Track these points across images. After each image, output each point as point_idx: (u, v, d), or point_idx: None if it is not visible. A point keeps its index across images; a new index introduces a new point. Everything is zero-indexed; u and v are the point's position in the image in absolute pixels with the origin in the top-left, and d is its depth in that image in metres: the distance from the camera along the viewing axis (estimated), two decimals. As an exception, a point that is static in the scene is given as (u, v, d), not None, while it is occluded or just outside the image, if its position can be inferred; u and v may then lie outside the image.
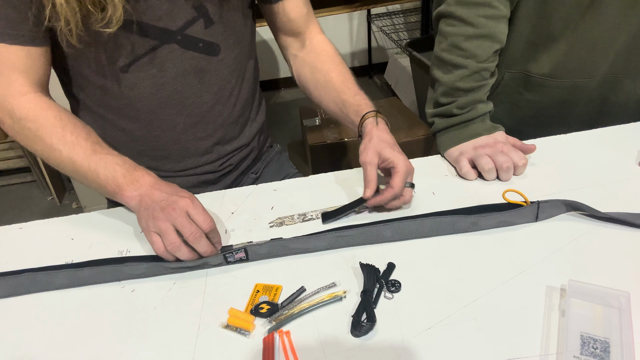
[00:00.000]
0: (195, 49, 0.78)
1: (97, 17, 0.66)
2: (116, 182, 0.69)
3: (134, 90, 0.78)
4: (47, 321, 0.61)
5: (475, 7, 0.80)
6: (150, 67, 0.76)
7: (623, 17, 0.80)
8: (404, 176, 0.70)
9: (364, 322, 0.56)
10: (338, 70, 0.86)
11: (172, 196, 0.66)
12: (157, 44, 0.75)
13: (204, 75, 0.81)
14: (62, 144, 0.70)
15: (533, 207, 0.69)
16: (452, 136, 0.84)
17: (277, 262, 0.67)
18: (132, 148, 0.84)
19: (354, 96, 0.81)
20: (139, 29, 0.72)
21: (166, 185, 0.69)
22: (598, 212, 0.68)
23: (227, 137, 0.90)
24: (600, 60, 0.86)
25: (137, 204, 0.69)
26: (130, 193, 0.69)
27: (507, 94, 0.96)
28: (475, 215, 0.68)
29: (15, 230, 0.77)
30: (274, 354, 0.55)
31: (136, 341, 0.58)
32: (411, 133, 2.08)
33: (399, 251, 0.67)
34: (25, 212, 2.36)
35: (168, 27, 0.74)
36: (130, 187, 0.69)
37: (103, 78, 0.76)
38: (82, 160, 0.70)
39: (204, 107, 0.84)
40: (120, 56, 0.74)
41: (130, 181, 0.69)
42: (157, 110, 0.81)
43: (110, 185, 0.70)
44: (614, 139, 0.86)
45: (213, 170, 0.91)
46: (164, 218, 0.64)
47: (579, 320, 0.54)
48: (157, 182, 0.70)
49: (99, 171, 0.70)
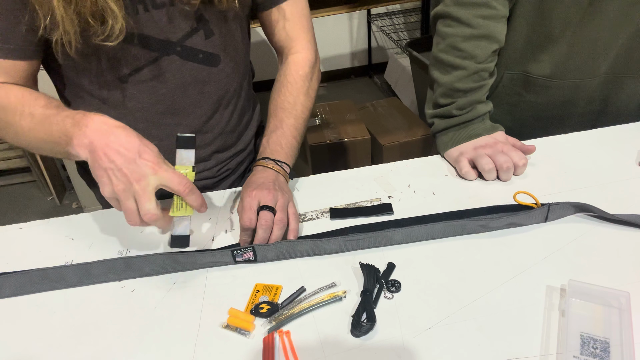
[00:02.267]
0: (195, 59, 0.77)
1: (97, 30, 0.65)
2: (66, 133, 0.61)
3: (132, 100, 0.77)
4: (47, 321, 0.61)
5: (472, 7, 0.80)
6: (150, 79, 0.76)
7: (623, 16, 0.80)
8: (245, 215, 0.67)
9: (364, 322, 0.56)
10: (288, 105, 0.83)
11: (133, 162, 0.58)
12: (157, 55, 0.74)
13: (203, 85, 0.80)
14: (23, 118, 0.66)
15: (543, 209, 0.69)
16: (452, 136, 0.84)
17: (277, 262, 0.67)
18: None
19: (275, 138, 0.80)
20: (139, 41, 0.72)
21: (123, 136, 0.60)
22: (607, 213, 0.67)
23: (226, 144, 0.90)
24: (601, 59, 0.86)
25: (89, 154, 0.60)
26: (78, 141, 0.60)
27: (507, 95, 0.96)
28: (486, 218, 0.68)
29: (15, 230, 0.77)
30: (274, 354, 0.55)
31: (136, 341, 0.58)
32: (411, 133, 2.09)
33: (398, 251, 0.67)
34: (25, 212, 2.36)
35: (168, 38, 0.74)
36: (78, 134, 0.60)
37: (101, 89, 0.76)
38: (40, 127, 0.64)
39: (203, 117, 0.83)
40: (120, 67, 0.73)
41: (78, 127, 0.60)
42: (156, 120, 0.80)
43: (63, 139, 0.62)
44: (614, 139, 0.86)
45: (211, 176, 0.91)
46: (124, 189, 0.58)
47: (579, 320, 0.54)
48: (110, 130, 0.60)
49: (53, 130, 0.63)
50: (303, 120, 0.84)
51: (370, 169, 0.84)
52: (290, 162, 0.79)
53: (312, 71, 0.87)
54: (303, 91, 0.85)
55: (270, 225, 0.67)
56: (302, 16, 0.86)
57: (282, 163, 0.77)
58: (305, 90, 0.85)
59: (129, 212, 0.60)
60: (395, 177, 0.81)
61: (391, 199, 0.76)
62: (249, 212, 0.67)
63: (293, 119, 0.82)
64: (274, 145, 0.79)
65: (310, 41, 0.88)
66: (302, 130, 0.84)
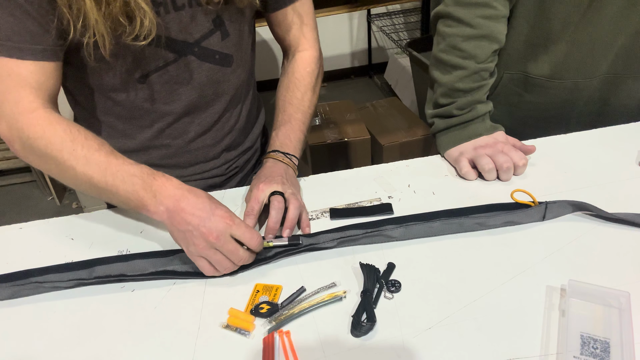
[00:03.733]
0: (211, 60, 0.78)
1: (125, 30, 0.66)
2: (137, 196, 0.65)
3: (148, 101, 0.78)
4: (47, 321, 0.61)
5: (473, 7, 0.80)
6: (167, 80, 0.76)
7: (623, 16, 0.80)
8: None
9: (364, 322, 0.56)
10: (295, 101, 0.86)
11: (208, 220, 0.62)
12: (176, 56, 0.75)
13: (218, 85, 0.81)
14: (74, 159, 0.65)
15: (541, 207, 0.69)
16: (452, 136, 0.84)
17: (277, 262, 0.67)
18: (141, 157, 0.84)
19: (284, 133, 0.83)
20: (159, 42, 0.72)
21: (194, 199, 0.64)
22: (605, 212, 0.68)
23: (235, 143, 0.91)
24: (601, 60, 0.86)
25: (167, 220, 0.64)
26: (155, 209, 0.64)
27: (506, 95, 0.96)
28: (483, 216, 0.68)
29: (15, 230, 0.77)
30: (274, 354, 0.55)
31: (136, 341, 0.58)
32: (411, 133, 2.09)
33: (398, 251, 0.67)
34: (25, 212, 2.36)
35: (187, 39, 0.74)
36: (153, 202, 0.64)
37: (117, 90, 0.76)
38: (99, 176, 0.65)
39: (215, 116, 0.85)
40: (139, 69, 0.74)
41: (152, 195, 0.64)
42: (170, 120, 0.81)
43: (133, 201, 0.65)
44: (614, 139, 0.85)
45: (220, 174, 0.92)
46: (207, 246, 0.61)
47: (579, 320, 0.54)
48: (183, 195, 0.64)
49: (118, 186, 0.65)
50: (309, 116, 0.87)
51: (370, 169, 0.84)
52: (298, 155, 0.82)
53: (317, 68, 0.89)
54: (310, 87, 0.87)
55: (282, 206, 0.68)
56: (310, 14, 0.88)
57: (291, 156, 0.80)
58: (312, 87, 0.88)
59: (220, 263, 0.63)
60: (395, 177, 0.81)
61: (391, 199, 0.76)
62: (254, 202, 0.70)
63: (301, 114, 0.85)
64: (283, 138, 0.81)
65: (316, 39, 0.90)
66: (308, 125, 0.87)
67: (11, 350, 0.58)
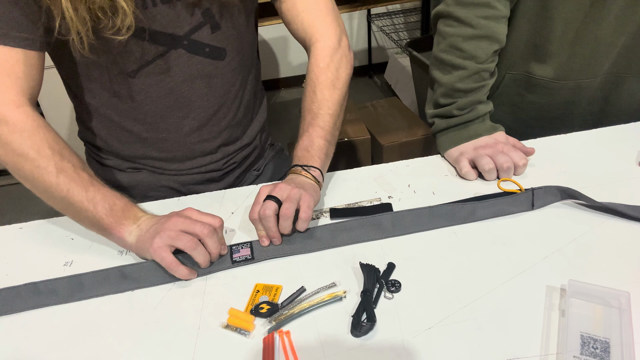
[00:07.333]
0: (201, 53, 0.78)
1: (107, 24, 0.66)
2: (114, 213, 0.68)
3: (141, 94, 0.78)
4: (48, 321, 0.61)
5: (474, 7, 0.80)
6: (158, 73, 0.76)
7: (625, 15, 0.80)
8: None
9: (364, 322, 0.56)
10: (317, 99, 0.81)
11: (167, 216, 0.66)
12: (165, 49, 0.75)
13: (210, 79, 0.81)
14: (55, 167, 0.68)
15: (528, 194, 0.71)
16: (452, 137, 0.84)
17: (277, 261, 0.67)
18: (138, 149, 0.85)
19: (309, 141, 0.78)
20: (147, 35, 0.72)
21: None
22: (593, 200, 0.68)
23: (232, 138, 0.91)
24: (603, 59, 0.86)
25: (137, 234, 0.67)
26: (128, 228, 0.68)
27: (508, 95, 0.96)
28: (472, 203, 0.70)
29: (15, 230, 0.77)
30: (274, 354, 0.55)
31: (136, 341, 0.58)
32: (411, 133, 2.09)
33: (398, 251, 0.67)
34: (25, 212, 2.36)
35: (175, 32, 0.74)
36: (129, 221, 0.68)
37: (111, 83, 0.76)
38: (79, 189, 0.68)
39: (210, 111, 0.84)
40: (128, 62, 0.74)
41: (131, 216, 0.69)
42: (164, 113, 0.81)
43: (105, 219, 0.68)
44: (614, 139, 0.85)
45: (217, 168, 0.92)
46: (170, 228, 0.64)
47: (579, 320, 0.54)
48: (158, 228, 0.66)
49: (97, 201, 0.68)
50: (330, 117, 0.80)
51: (370, 169, 0.84)
52: (319, 164, 0.76)
53: (333, 59, 0.83)
54: (326, 85, 0.81)
55: (270, 214, 0.67)
56: (315, 11, 0.83)
57: (309, 167, 0.75)
58: (329, 84, 0.81)
59: (195, 226, 0.65)
60: (395, 177, 0.82)
61: (391, 199, 0.76)
62: (256, 205, 0.69)
63: (319, 118, 0.79)
64: (300, 151, 0.77)
65: (330, 25, 0.84)
66: (331, 127, 0.80)
67: (11, 351, 0.58)
